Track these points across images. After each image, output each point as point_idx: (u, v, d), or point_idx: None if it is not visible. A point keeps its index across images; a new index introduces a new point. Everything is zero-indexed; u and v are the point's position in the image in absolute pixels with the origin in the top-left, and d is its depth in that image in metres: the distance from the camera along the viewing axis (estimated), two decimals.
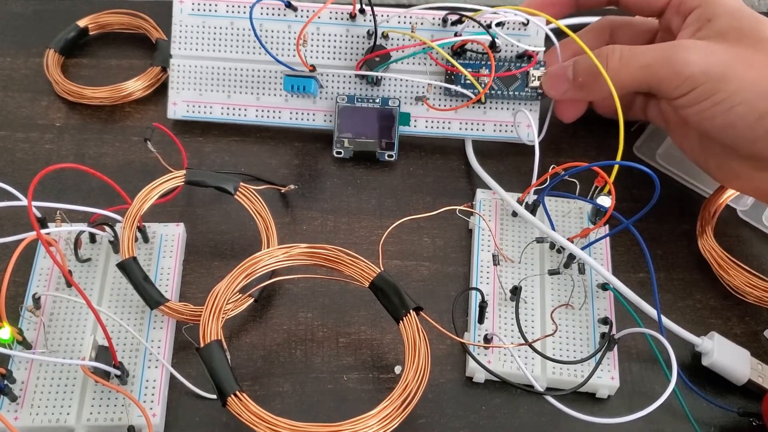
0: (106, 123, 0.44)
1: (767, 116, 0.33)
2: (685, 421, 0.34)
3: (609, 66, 0.36)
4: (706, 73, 0.34)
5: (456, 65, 0.39)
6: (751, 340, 0.37)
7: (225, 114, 0.42)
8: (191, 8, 0.41)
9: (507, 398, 0.34)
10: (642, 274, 0.38)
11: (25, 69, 0.46)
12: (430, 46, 0.39)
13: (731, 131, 0.34)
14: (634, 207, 0.40)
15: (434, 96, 0.42)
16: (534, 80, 0.40)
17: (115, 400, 0.32)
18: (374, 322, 0.36)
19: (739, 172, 0.36)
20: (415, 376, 0.30)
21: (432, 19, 0.41)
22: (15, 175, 0.41)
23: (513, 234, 0.38)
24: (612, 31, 0.42)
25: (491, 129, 0.42)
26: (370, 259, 0.34)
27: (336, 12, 0.41)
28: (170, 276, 0.36)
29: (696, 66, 0.34)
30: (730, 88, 0.34)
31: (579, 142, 0.44)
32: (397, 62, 0.41)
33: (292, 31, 0.41)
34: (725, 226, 0.41)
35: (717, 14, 0.36)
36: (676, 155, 0.42)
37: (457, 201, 0.39)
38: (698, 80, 0.34)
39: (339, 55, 0.41)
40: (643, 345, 0.36)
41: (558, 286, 0.37)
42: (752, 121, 0.34)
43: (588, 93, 0.38)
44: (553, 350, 0.35)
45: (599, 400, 0.34)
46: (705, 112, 0.35)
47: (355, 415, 0.29)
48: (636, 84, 0.36)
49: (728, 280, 0.38)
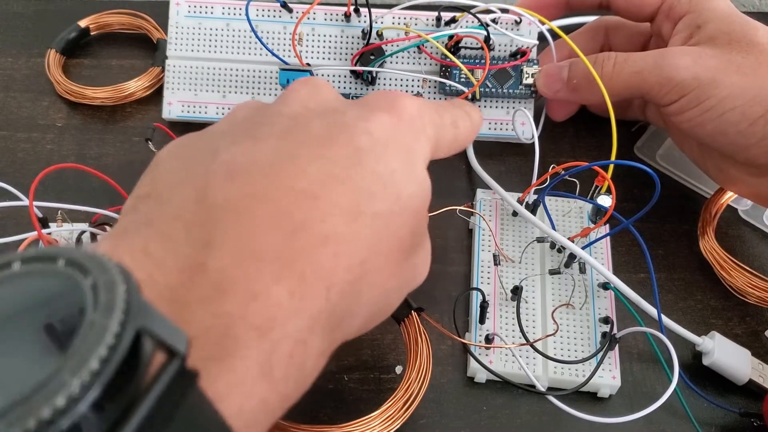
0: (108, 123, 0.44)
1: (758, 123, 0.33)
2: (686, 421, 0.34)
3: (603, 72, 0.36)
4: (696, 80, 0.34)
5: (451, 57, 0.39)
6: (752, 341, 0.37)
7: (220, 114, 0.42)
8: (187, 10, 0.42)
9: (508, 398, 0.35)
10: (643, 274, 0.38)
11: (27, 69, 0.46)
12: (425, 38, 0.39)
13: (723, 138, 0.34)
14: (635, 207, 0.40)
15: (429, 93, 0.42)
16: (528, 77, 0.40)
17: None
18: None
19: (736, 177, 0.36)
20: (417, 376, 0.31)
21: (426, 19, 0.41)
22: (16, 175, 0.41)
23: (513, 234, 0.38)
24: (607, 31, 0.42)
25: (486, 127, 0.42)
26: None
27: (331, 13, 0.41)
28: None
29: (686, 72, 0.34)
30: (720, 94, 0.33)
31: (580, 143, 0.44)
32: (392, 56, 0.41)
33: (287, 32, 0.41)
34: (726, 226, 0.41)
35: (707, 20, 0.35)
36: (677, 155, 0.42)
37: (457, 201, 0.39)
38: (688, 87, 0.34)
39: (334, 55, 0.42)
40: (644, 345, 0.36)
41: (559, 285, 0.37)
42: (744, 127, 0.33)
43: (581, 96, 0.38)
44: (554, 350, 0.35)
45: (600, 400, 0.35)
46: (696, 119, 0.34)
47: (356, 414, 0.29)
48: (629, 91, 0.36)
49: (729, 280, 0.38)
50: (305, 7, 0.41)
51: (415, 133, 0.25)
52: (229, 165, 0.22)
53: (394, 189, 0.23)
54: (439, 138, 0.27)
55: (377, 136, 0.24)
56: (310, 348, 0.20)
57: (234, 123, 0.25)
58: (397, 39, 0.41)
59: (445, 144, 0.28)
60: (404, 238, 0.24)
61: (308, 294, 0.20)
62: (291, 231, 0.20)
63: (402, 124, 0.25)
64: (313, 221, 0.21)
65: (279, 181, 0.21)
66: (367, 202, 0.22)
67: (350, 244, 0.21)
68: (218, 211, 0.20)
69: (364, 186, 0.23)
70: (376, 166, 0.23)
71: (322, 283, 0.20)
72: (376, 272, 0.23)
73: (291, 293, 0.20)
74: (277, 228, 0.20)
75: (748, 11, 0.52)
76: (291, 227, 0.20)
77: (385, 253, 0.23)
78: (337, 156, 0.23)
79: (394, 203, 0.23)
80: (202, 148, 0.23)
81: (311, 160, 0.22)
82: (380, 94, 0.26)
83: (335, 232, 0.21)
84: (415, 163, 0.25)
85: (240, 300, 0.19)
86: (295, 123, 0.24)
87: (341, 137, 0.23)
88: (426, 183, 0.25)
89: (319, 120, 0.24)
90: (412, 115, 0.25)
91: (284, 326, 0.19)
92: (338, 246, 0.21)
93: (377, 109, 0.25)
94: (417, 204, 0.24)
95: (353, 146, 0.23)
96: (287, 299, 0.19)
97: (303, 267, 0.20)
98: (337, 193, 0.22)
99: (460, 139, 0.30)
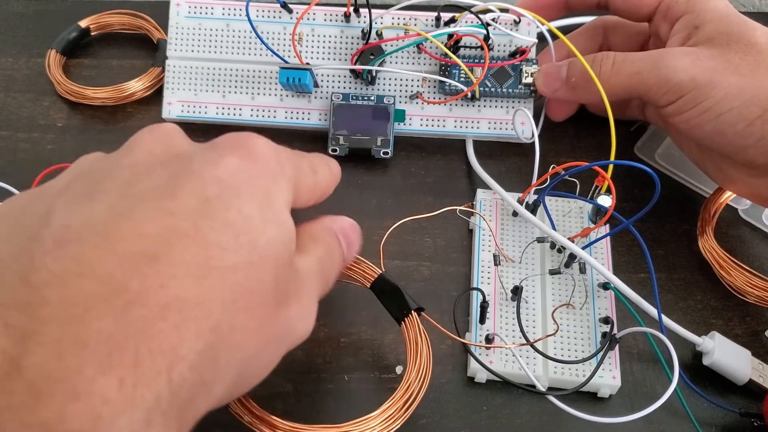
0: (108, 123, 0.44)
1: (756, 123, 0.33)
2: (686, 421, 0.34)
3: (601, 72, 0.36)
4: (693, 81, 0.33)
5: (450, 55, 0.39)
6: (752, 341, 0.37)
7: (220, 114, 0.42)
8: (188, 11, 0.42)
9: (508, 398, 0.35)
10: (643, 274, 0.38)
11: (27, 69, 0.46)
12: (425, 36, 0.39)
13: (720, 139, 0.34)
14: (635, 207, 0.40)
15: (428, 92, 0.42)
16: (527, 77, 0.40)
17: None
18: (375, 322, 0.36)
19: (735, 177, 0.36)
20: (417, 376, 0.31)
21: (425, 20, 0.41)
22: (17, 175, 0.41)
23: (513, 234, 0.38)
24: (606, 31, 0.42)
25: (486, 126, 0.42)
26: (372, 259, 0.34)
27: (330, 13, 0.42)
28: None
29: (683, 73, 0.34)
30: (718, 95, 0.33)
31: (580, 143, 0.44)
32: (392, 54, 0.41)
33: (287, 33, 0.41)
34: (726, 226, 0.41)
35: (705, 21, 0.35)
36: (676, 155, 0.42)
37: (457, 201, 0.39)
38: (685, 88, 0.34)
39: (334, 55, 0.42)
40: (645, 345, 0.36)
41: (559, 285, 0.37)
42: (741, 128, 0.33)
43: (579, 95, 0.38)
44: (555, 350, 0.35)
45: (601, 400, 0.35)
46: (693, 120, 0.34)
47: (356, 414, 0.29)
48: (627, 91, 0.36)
49: (729, 280, 0.38)
50: (305, 7, 0.41)
51: (272, 175, 0.23)
52: (58, 232, 0.19)
53: (250, 237, 0.21)
54: (299, 182, 0.25)
55: (227, 182, 0.22)
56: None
57: (73, 178, 0.22)
58: (396, 37, 0.41)
59: (305, 190, 0.26)
60: (267, 290, 0.22)
61: (143, 379, 0.17)
62: (123, 306, 0.18)
63: (256, 167, 0.23)
64: (151, 289, 0.18)
65: (112, 245, 0.19)
66: (217, 256, 0.20)
67: (199, 308, 0.19)
68: (43, 291, 0.17)
69: (213, 238, 0.20)
70: (227, 214, 0.21)
71: (162, 362, 0.18)
72: (235, 333, 0.20)
73: (121, 382, 0.17)
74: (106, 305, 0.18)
75: (748, 11, 0.52)
76: (123, 301, 0.18)
77: (245, 310, 0.21)
78: (182, 208, 0.20)
79: (251, 252, 0.21)
80: (34, 212, 0.20)
81: (152, 216, 0.20)
82: (230, 136, 0.24)
83: (179, 297, 0.19)
84: (274, 206, 0.23)
85: (57, 403, 0.16)
86: (136, 174, 0.21)
87: (187, 186, 0.21)
88: (288, 225, 0.23)
89: (163, 169, 0.21)
90: (267, 155, 0.23)
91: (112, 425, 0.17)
92: (182, 313, 0.19)
93: (227, 153, 0.22)
94: (278, 249, 0.22)
95: (200, 195, 0.21)
96: (116, 391, 0.17)
97: (137, 347, 0.17)
98: (182, 250, 0.19)
99: (320, 187, 0.28)
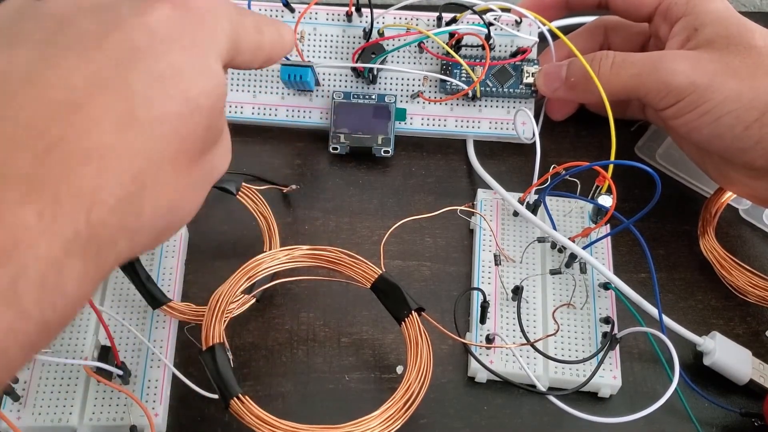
0: None
1: (754, 126, 0.33)
2: (687, 421, 0.34)
3: (601, 71, 0.36)
4: (692, 84, 0.33)
5: (452, 53, 0.39)
6: (752, 340, 0.37)
7: None
8: None
9: (509, 398, 0.35)
10: (644, 274, 0.38)
11: None
12: (427, 34, 0.39)
13: (719, 142, 0.34)
14: (636, 207, 0.40)
15: (430, 91, 0.42)
16: (528, 77, 0.40)
17: (117, 400, 0.32)
18: (376, 322, 0.36)
19: (735, 178, 0.36)
20: (417, 376, 0.31)
21: (427, 19, 0.41)
22: None
23: (514, 234, 0.38)
24: (606, 31, 0.42)
25: (487, 126, 0.42)
26: (372, 259, 0.34)
27: (332, 12, 0.42)
28: (172, 276, 0.36)
29: (682, 76, 0.34)
30: (716, 98, 0.33)
31: (581, 143, 0.44)
32: (393, 52, 0.41)
33: None
34: (727, 226, 0.41)
35: (704, 23, 0.35)
36: (677, 155, 0.42)
37: (458, 201, 0.39)
38: (684, 91, 0.34)
39: (335, 54, 0.42)
40: (645, 345, 0.36)
41: (559, 285, 0.37)
42: (740, 131, 0.33)
43: (579, 94, 0.38)
44: (555, 350, 0.35)
45: (601, 400, 0.35)
46: (692, 123, 0.34)
47: (356, 414, 0.29)
48: (626, 92, 0.36)
49: (730, 280, 0.38)
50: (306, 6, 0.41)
51: (206, 27, 0.23)
52: None
53: (181, 88, 0.21)
54: (239, 38, 0.25)
55: (158, 32, 0.21)
56: (69, 272, 0.19)
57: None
58: (399, 35, 0.41)
59: (246, 48, 0.25)
60: (197, 140, 0.22)
61: (61, 215, 0.18)
62: (44, 149, 0.18)
63: (189, 16, 0.22)
64: (72, 136, 0.19)
65: (35, 93, 0.19)
66: (143, 108, 0.20)
67: (120, 157, 0.20)
68: None
69: (140, 89, 0.20)
70: (155, 66, 0.21)
71: (81, 204, 0.19)
72: (160, 183, 0.21)
73: (40, 215, 0.18)
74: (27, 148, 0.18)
75: (748, 11, 0.52)
76: (44, 145, 0.18)
77: (171, 160, 0.21)
78: (109, 58, 0.20)
79: (181, 105, 0.21)
80: None
81: (77, 66, 0.20)
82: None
83: (101, 145, 0.19)
84: (207, 57, 0.22)
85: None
86: (61, 23, 0.21)
87: (114, 36, 0.20)
88: (221, 79, 0.23)
89: (90, 18, 0.21)
90: (201, 6, 0.23)
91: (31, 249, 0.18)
92: (104, 161, 0.19)
93: (158, 1, 0.22)
94: (212, 101, 0.22)
95: (129, 45, 0.20)
96: (35, 221, 0.18)
97: (57, 187, 0.18)
98: (106, 100, 0.20)
99: (265, 48, 0.27)
